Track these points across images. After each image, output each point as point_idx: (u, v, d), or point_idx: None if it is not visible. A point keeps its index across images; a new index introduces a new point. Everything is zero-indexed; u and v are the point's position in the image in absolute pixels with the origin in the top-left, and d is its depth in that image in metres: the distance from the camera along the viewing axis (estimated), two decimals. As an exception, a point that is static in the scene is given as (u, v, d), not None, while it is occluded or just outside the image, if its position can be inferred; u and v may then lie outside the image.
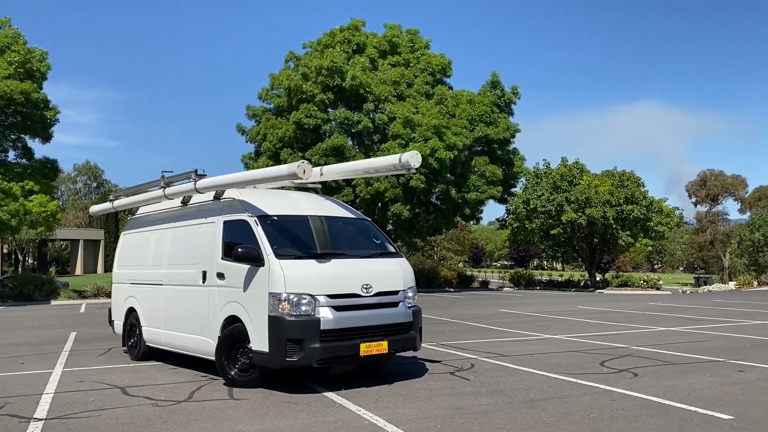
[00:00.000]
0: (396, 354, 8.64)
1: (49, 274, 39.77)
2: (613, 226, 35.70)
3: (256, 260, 7.88)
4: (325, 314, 7.70)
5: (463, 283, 39.48)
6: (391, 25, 36.93)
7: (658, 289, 35.83)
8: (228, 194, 8.97)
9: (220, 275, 8.45)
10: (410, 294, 8.61)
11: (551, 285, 41.70)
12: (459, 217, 37.24)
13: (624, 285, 36.99)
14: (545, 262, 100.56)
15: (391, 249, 9.05)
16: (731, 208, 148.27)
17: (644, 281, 36.74)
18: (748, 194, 68.42)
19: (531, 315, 18.94)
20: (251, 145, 36.39)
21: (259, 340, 7.73)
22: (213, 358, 8.40)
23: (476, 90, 36.89)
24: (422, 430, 6.08)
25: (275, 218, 8.44)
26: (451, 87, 37.10)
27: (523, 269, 60.04)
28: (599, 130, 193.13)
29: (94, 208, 13.33)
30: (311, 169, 8.07)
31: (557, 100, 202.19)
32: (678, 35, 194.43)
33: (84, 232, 69.41)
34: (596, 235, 38.28)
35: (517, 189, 39.21)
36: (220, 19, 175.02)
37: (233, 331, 8.13)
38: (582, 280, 42.34)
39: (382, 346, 8.00)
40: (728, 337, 13.20)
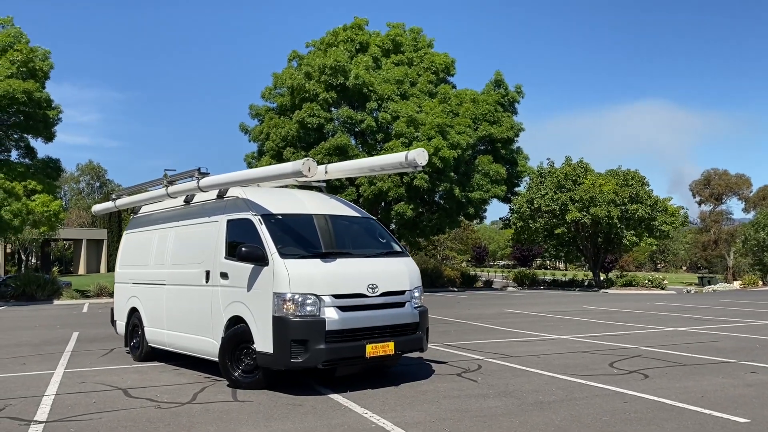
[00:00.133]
0: (402, 355, 8.49)
1: (51, 273, 39.72)
2: (618, 226, 35.51)
3: (260, 260, 7.75)
4: (331, 315, 7.57)
5: (467, 282, 39.32)
6: (395, 24, 36.78)
7: (663, 288, 35.65)
8: (231, 193, 8.84)
9: (224, 275, 8.32)
10: (417, 294, 8.47)
11: (555, 285, 41.52)
12: (462, 217, 37.09)
13: (628, 285, 36.81)
14: (548, 262, 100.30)
15: (397, 248, 8.90)
16: (735, 207, 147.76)
17: (649, 281, 36.57)
18: (752, 193, 68.14)
19: (536, 315, 18.78)
20: (254, 144, 36.30)
21: (263, 341, 7.60)
22: (216, 359, 8.26)
23: (480, 89, 36.78)
24: (431, 434, 5.94)
25: (279, 217, 8.31)
26: (454, 86, 36.96)
27: (526, 269, 59.82)
28: (602, 130, 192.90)
29: (97, 208, 13.23)
30: (316, 167, 7.93)
31: (559, 99, 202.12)
32: (681, 34, 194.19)
33: (87, 231, 69.38)
34: (600, 235, 38.09)
35: (521, 188, 39.06)
36: (223, 19, 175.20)
37: (237, 331, 8.00)
38: (586, 279, 42.16)
39: (389, 347, 7.86)
40: (738, 337, 13.04)
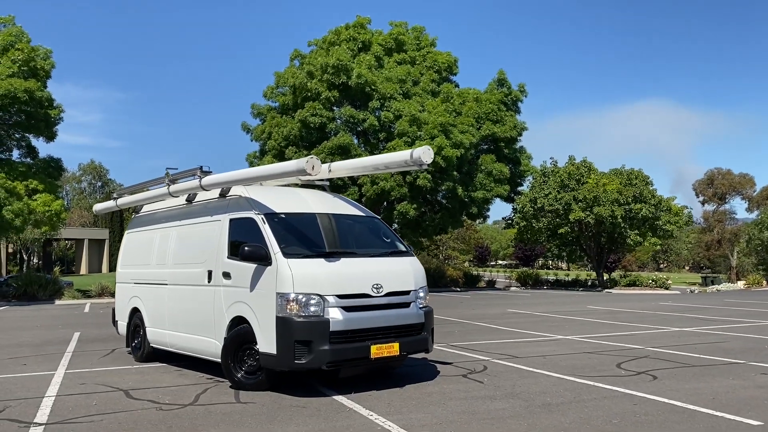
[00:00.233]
0: (407, 356, 8.38)
1: (53, 273, 39.64)
2: (622, 225, 35.35)
3: (263, 259, 7.64)
4: (335, 315, 7.45)
5: (470, 282, 39.20)
6: (397, 23, 36.64)
7: (667, 288, 35.50)
8: (234, 191, 8.73)
9: (226, 275, 8.21)
10: (422, 294, 8.35)
11: (558, 284, 41.40)
12: (465, 216, 36.96)
13: (632, 284, 36.65)
14: (550, 262, 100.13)
15: (402, 248, 8.78)
16: (739, 206, 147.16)
17: (653, 281, 36.41)
18: (755, 193, 67.86)
19: (540, 315, 18.65)
20: (256, 143, 36.20)
21: (266, 342, 7.48)
22: (219, 360, 8.16)
23: (483, 88, 36.60)
24: (438, 437, 5.83)
25: (283, 216, 8.19)
26: (457, 85, 36.81)
27: (529, 268, 59.68)
28: (603, 129, 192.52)
29: (98, 207, 13.14)
30: (320, 165, 7.81)
31: (560, 98, 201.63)
32: (683, 33, 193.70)
33: (89, 231, 69.35)
34: (604, 235, 37.93)
35: (524, 188, 38.90)
36: (224, 18, 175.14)
37: (240, 332, 7.89)
38: (589, 279, 42.01)
39: (393, 348, 7.74)
40: (745, 338, 12.90)
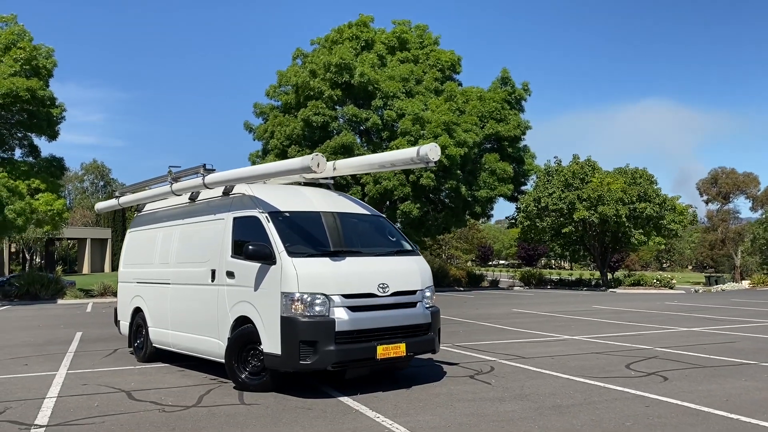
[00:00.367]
0: (414, 357, 8.24)
1: (55, 273, 39.57)
2: (626, 225, 35.14)
3: (267, 258, 7.51)
4: (340, 315, 7.32)
5: (473, 282, 39.05)
6: (400, 21, 36.53)
7: (672, 288, 35.30)
8: (237, 189, 8.60)
9: (230, 274, 8.08)
10: (428, 294, 8.22)
11: (562, 284, 41.22)
12: (469, 215, 36.80)
13: (636, 284, 36.47)
14: (553, 261, 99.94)
15: (408, 247, 8.65)
16: (743, 206, 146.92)
17: (657, 280, 36.21)
18: (760, 192, 67.48)
19: (546, 315, 18.50)
20: (259, 143, 36.10)
21: (271, 342, 7.36)
22: (222, 360, 8.03)
23: (486, 86, 36.45)
24: (447, 440, 5.70)
25: (287, 214, 8.07)
26: (460, 83, 36.67)
27: (532, 268, 59.46)
28: (605, 128, 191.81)
29: (100, 205, 13.03)
30: (325, 162, 7.68)
31: (563, 97, 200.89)
32: (685, 32, 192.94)
33: (91, 231, 69.33)
34: (608, 234, 37.73)
35: (528, 187, 38.71)
36: (227, 17, 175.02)
37: (244, 332, 7.76)
38: (593, 279, 41.83)
39: (400, 349, 7.61)
40: (755, 338, 12.74)
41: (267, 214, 7.89)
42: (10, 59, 26.94)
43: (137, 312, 10.46)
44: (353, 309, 7.41)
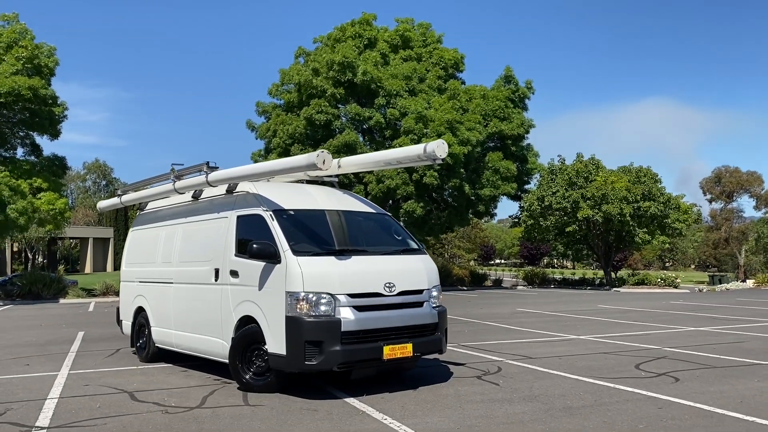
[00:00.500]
0: (420, 357, 8.11)
1: (58, 272, 39.53)
2: (630, 223, 34.98)
3: (271, 257, 7.38)
4: (346, 315, 7.19)
5: (476, 281, 38.91)
6: (403, 19, 36.37)
7: (676, 287, 35.15)
8: (241, 187, 8.47)
9: (234, 273, 7.96)
10: (435, 293, 8.09)
11: (566, 283, 41.07)
12: (472, 214, 36.65)
13: (641, 283, 36.31)
14: (555, 260, 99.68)
15: (414, 245, 8.52)
16: (746, 205, 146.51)
17: (661, 279, 36.05)
18: (764, 191, 67.22)
19: (551, 314, 18.36)
20: (261, 141, 35.98)
21: (275, 342, 7.23)
22: (226, 360, 7.91)
23: (490, 85, 36.30)
24: (456, 443, 5.57)
25: (291, 212, 7.95)
26: (464, 82, 36.49)
27: (535, 267, 59.29)
28: (608, 127, 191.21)
29: (102, 204, 12.92)
30: (331, 159, 7.55)
31: (564, 96, 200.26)
32: (686, 31, 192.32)
33: (93, 230, 69.31)
34: (612, 233, 37.57)
35: (531, 186, 38.56)
36: (229, 16, 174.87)
37: (248, 332, 7.64)
38: (596, 278, 41.68)
39: (407, 349, 7.48)
40: (764, 338, 12.58)
41: (271, 212, 7.76)
42: (12, 58, 26.84)
43: (140, 311, 10.34)
44: (359, 309, 7.29)
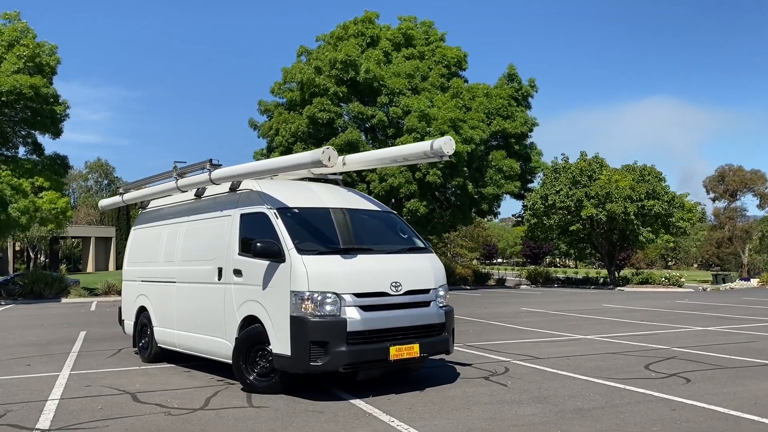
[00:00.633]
0: (427, 358, 7.98)
1: (59, 271, 39.44)
2: (634, 222, 34.79)
3: (276, 256, 7.25)
4: (352, 315, 7.06)
5: (479, 280, 38.79)
6: (406, 17, 36.22)
7: (680, 286, 34.96)
8: (245, 185, 8.35)
9: (237, 272, 7.83)
10: (441, 293, 7.95)
11: (569, 282, 40.90)
12: (475, 213, 36.49)
13: (644, 282, 36.13)
14: (557, 259, 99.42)
15: (420, 244, 8.38)
16: (750, 203, 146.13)
17: (666, 278, 35.85)
18: (767, 189, 66.96)
19: (555, 314, 18.22)
20: (263, 140, 35.85)
21: (280, 343, 7.10)
22: (230, 361, 7.79)
23: (493, 83, 36.10)
24: (466, 446, 5.43)
25: (296, 210, 7.81)
26: (466, 80, 36.34)
27: (538, 266, 59.08)
28: (610, 126, 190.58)
29: (104, 202, 12.81)
30: (336, 156, 7.41)
31: (565, 95, 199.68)
32: (689, 30, 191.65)
33: (95, 229, 69.32)
34: (616, 232, 37.38)
35: (535, 184, 38.38)
36: (231, 15, 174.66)
37: (252, 332, 7.51)
38: (600, 277, 41.50)
39: (413, 350, 7.34)
40: (773, 337, 12.44)
41: (275, 210, 7.63)
42: (14, 56, 26.74)
43: (142, 311, 10.23)
44: (365, 308, 7.15)
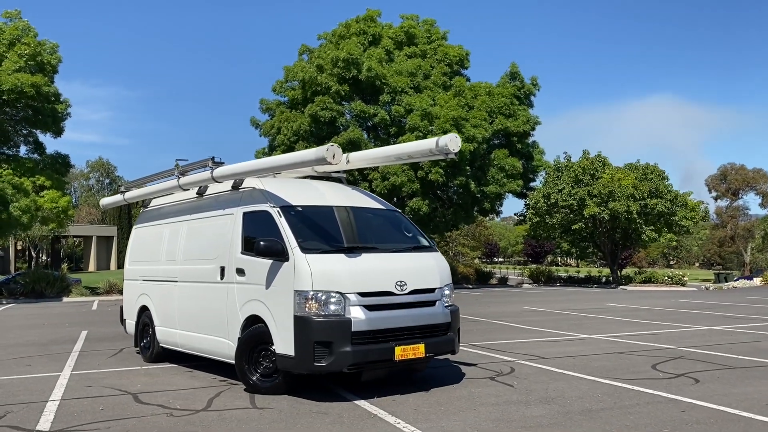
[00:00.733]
0: (433, 358, 7.88)
1: (61, 270, 39.36)
2: (637, 221, 34.67)
3: (279, 254, 7.15)
4: (357, 314, 6.96)
5: (481, 279, 38.69)
6: (408, 16, 36.12)
7: (683, 285, 34.85)
8: (247, 183, 8.25)
9: (240, 271, 7.74)
10: (447, 292, 7.85)
11: (571, 281, 40.79)
12: (478, 212, 36.39)
13: (647, 281, 36.01)
14: (559, 258, 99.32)
15: (425, 242, 8.28)
16: (752, 202, 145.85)
17: (669, 277, 35.74)
18: (770, 188, 66.81)
19: (559, 313, 18.11)
20: (265, 139, 35.76)
21: (283, 343, 7.01)
22: (232, 361, 7.69)
23: (495, 81, 36.00)
24: (474, 448, 5.33)
25: (299, 209, 7.71)
26: (469, 78, 36.22)
27: (540, 265, 58.99)
28: (612, 125, 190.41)
29: (105, 201, 12.72)
30: (341, 153, 7.30)
31: (567, 94, 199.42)
32: (690, 29, 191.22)
33: (97, 228, 69.27)
34: (618, 230, 37.26)
35: (537, 183, 38.27)
36: (232, 13, 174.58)
37: (255, 332, 7.42)
38: (602, 276, 41.38)
39: (419, 350, 7.24)
40: (780, 337, 12.33)
41: (279, 209, 7.54)
42: (15, 55, 26.66)
43: (144, 311, 10.14)
44: (370, 308, 7.05)
